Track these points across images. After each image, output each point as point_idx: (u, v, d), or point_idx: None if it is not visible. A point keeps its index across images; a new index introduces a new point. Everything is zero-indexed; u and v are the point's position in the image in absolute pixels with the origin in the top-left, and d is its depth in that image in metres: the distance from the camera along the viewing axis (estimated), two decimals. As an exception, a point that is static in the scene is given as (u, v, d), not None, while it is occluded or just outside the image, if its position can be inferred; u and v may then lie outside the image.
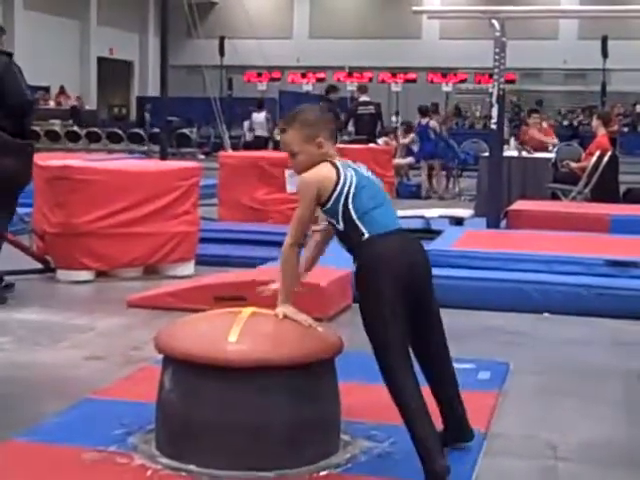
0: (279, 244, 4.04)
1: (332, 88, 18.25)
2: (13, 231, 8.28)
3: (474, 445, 4.14)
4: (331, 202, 3.86)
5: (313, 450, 3.83)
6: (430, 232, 10.06)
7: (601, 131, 12.94)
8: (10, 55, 7.43)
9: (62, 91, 32.18)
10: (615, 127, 21.54)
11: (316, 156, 3.96)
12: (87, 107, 32.55)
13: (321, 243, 4.19)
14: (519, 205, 10.62)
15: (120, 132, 27.11)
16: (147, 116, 30.57)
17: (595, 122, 13.35)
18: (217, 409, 3.73)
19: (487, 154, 12.42)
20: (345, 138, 17.16)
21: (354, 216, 3.84)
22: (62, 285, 8.04)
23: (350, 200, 3.84)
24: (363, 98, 17.86)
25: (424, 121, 17.80)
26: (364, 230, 3.84)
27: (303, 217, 3.89)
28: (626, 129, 30.79)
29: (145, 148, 25.53)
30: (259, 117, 24.58)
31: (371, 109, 17.52)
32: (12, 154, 7.16)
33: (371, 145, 16.46)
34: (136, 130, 27.35)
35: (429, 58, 37.54)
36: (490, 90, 10.35)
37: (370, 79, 32.74)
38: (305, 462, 3.78)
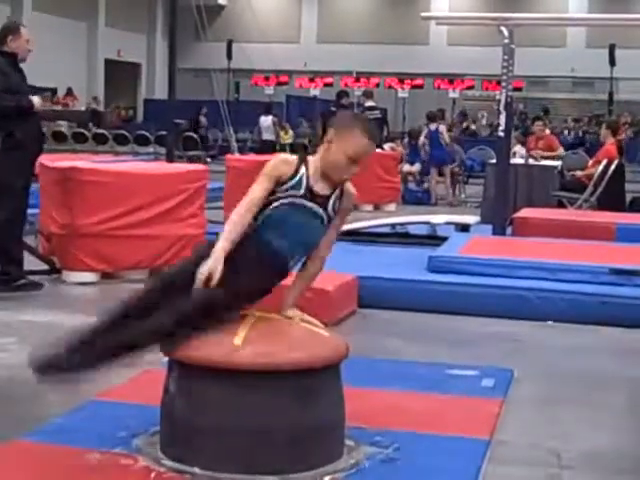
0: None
1: (343, 93, 18.27)
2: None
3: (479, 452, 4.14)
4: None
5: (317, 455, 3.83)
6: (436, 238, 10.08)
7: (610, 140, 12.96)
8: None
9: (69, 93, 32.20)
10: (622, 136, 21.55)
11: None
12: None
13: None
14: (525, 212, 10.62)
15: (127, 134, 27.15)
16: (203, 120, 28.58)
17: (604, 131, 13.37)
18: (222, 412, 3.73)
19: (494, 161, 12.41)
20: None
21: None
22: (67, 286, 8.06)
23: None
24: (369, 103, 17.88)
25: (433, 126, 17.72)
26: None
27: None
28: (631, 137, 30.71)
29: (151, 150, 25.54)
30: (266, 121, 24.57)
31: (377, 114, 17.51)
32: None
33: (377, 150, 16.45)
34: (143, 132, 27.36)
35: (436, 64, 37.52)
36: (497, 97, 10.35)
37: (377, 84, 32.74)
38: (309, 467, 3.78)
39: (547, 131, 17.33)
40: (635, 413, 5.07)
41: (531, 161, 13.78)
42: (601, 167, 12.39)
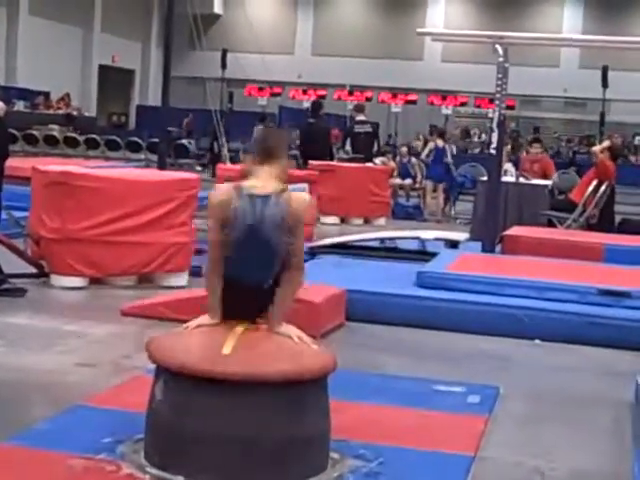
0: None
1: (318, 105, 17.98)
2: (8, 234, 8.29)
3: (463, 468, 4.14)
4: None
5: (301, 467, 3.82)
6: (425, 254, 10.08)
7: (608, 161, 13.04)
8: None
9: (64, 97, 32.08)
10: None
11: None
12: (86, 114, 32.47)
13: None
14: (515, 231, 10.63)
15: (118, 140, 27.11)
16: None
17: (606, 153, 13.38)
18: (207, 421, 3.73)
19: (485, 178, 12.43)
20: (343, 157, 17.13)
21: None
22: (55, 290, 8.03)
23: None
24: (360, 117, 17.81)
25: (440, 144, 17.97)
26: None
27: None
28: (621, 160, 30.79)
29: (142, 157, 25.49)
30: (257, 130, 24.40)
31: (367, 128, 17.47)
32: None
33: (368, 164, 16.44)
34: (134, 139, 27.31)
35: (430, 80, 37.58)
36: (490, 115, 10.37)
37: (370, 98, 32.76)
38: (293, 479, 3.78)
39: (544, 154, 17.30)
40: (619, 434, 5.07)
41: (522, 180, 13.82)
42: (591, 188, 12.42)
